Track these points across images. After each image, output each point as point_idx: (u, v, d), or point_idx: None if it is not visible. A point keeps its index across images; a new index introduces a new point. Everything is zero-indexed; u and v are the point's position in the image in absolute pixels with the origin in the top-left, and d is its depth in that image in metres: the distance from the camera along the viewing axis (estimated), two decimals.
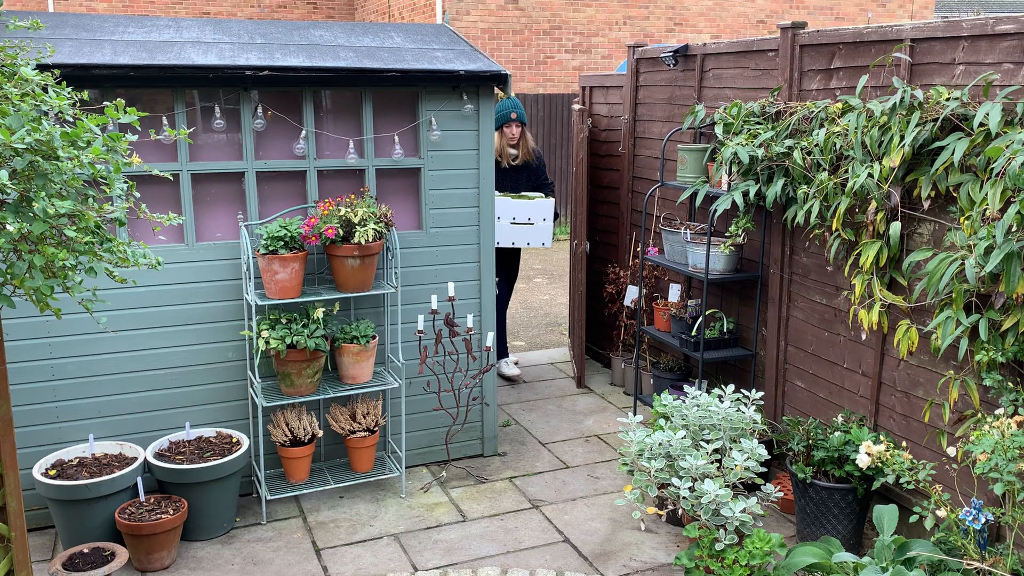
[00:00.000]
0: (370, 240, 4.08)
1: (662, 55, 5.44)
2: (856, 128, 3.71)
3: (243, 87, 4.12)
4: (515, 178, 6.11)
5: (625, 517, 4.33)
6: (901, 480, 3.38)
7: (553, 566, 3.90)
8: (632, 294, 5.84)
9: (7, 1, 15.71)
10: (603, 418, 5.62)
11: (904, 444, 3.86)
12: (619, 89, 6.20)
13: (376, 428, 4.47)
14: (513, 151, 6.03)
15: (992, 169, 3.14)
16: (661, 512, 4.05)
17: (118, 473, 3.84)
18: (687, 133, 5.24)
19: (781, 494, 3.93)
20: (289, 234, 4.05)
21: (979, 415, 3.40)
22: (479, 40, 14.01)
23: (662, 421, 4.15)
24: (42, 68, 2.92)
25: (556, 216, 6.21)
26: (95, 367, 4.09)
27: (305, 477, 4.38)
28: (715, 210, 4.49)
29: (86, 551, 3.62)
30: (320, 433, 4.40)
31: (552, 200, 6.03)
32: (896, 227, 3.67)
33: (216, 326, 4.27)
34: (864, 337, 4.06)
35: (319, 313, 4.16)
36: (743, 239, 4.71)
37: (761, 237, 4.65)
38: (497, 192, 5.81)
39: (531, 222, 5.97)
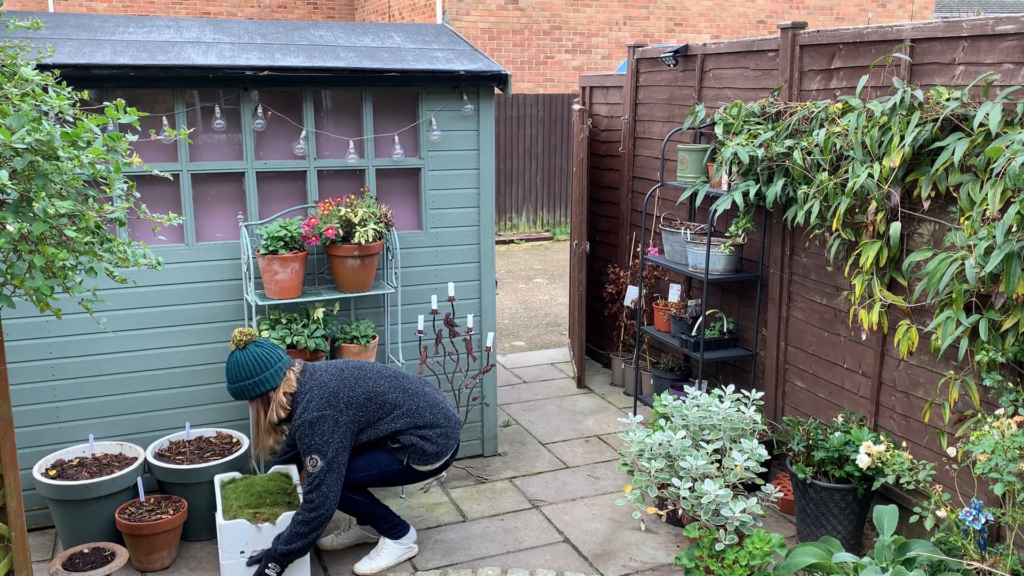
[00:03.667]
0: (370, 240, 4.07)
1: (662, 55, 5.44)
2: (856, 128, 3.71)
3: (243, 87, 4.12)
4: None
5: (625, 517, 4.33)
6: (901, 480, 3.38)
7: (553, 566, 3.89)
8: (632, 294, 5.84)
9: (7, 1, 15.71)
10: (603, 418, 5.62)
11: (904, 444, 3.86)
12: (619, 89, 6.20)
13: None
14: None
15: (992, 169, 3.14)
16: (661, 512, 4.04)
17: (118, 473, 3.84)
18: (687, 133, 5.24)
19: (781, 494, 3.93)
20: (289, 234, 4.05)
21: (979, 415, 3.40)
22: (479, 40, 14.01)
23: (662, 421, 4.15)
24: (42, 68, 2.92)
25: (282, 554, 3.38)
26: (95, 367, 4.09)
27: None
28: (715, 210, 4.49)
29: (86, 551, 3.62)
30: None
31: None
32: (896, 227, 3.67)
33: (216, 326, 4.27)
34: (864, 337, 4.05)
35: (319, 313, 4.16)
36: (743, 239, 4.71)
37: (761, 237, 4.65)
38: None
39: None
